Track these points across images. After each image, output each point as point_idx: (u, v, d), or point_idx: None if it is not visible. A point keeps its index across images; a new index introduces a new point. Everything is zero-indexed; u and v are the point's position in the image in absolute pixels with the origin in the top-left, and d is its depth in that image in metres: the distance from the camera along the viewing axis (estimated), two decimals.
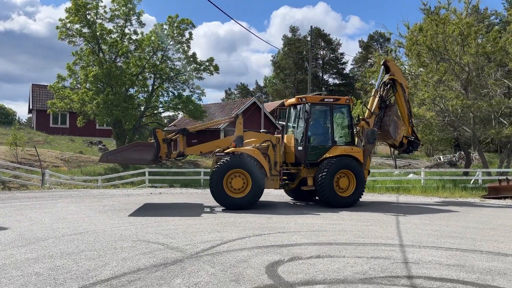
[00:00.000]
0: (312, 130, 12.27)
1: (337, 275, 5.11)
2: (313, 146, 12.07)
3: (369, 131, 12.39)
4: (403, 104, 13.65)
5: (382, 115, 13.26)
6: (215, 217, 9.58)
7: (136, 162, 11.46)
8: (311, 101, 12.24)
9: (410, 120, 13.94)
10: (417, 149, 14.65)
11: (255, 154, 11.10)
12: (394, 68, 13.85)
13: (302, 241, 7.03)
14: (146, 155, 11.04)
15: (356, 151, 12.08)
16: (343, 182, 11.78)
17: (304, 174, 12.01)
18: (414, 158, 39.20)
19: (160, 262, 5.54)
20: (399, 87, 13.57)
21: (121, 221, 8.80)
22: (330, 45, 77.94)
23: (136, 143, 11.71)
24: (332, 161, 11.64)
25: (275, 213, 10.39)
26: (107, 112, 23.20)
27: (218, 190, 10.74)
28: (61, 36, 24.05)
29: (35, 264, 5.38)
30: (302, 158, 11.95)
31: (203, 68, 27.14)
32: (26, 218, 9.14)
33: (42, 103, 38.81)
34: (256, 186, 10.90)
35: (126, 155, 11.14)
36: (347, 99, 12.60)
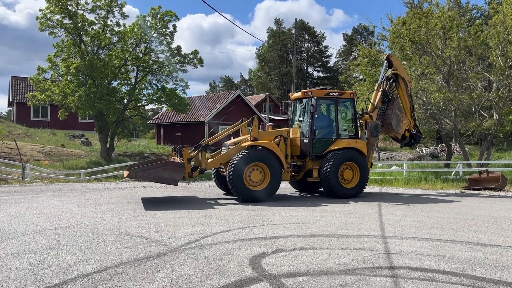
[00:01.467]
0: (317, 123, 12.52)
1: (320, 267, 5.15)
2: (318, 139, 12.37)
3: (373, 124, 12.71)
4: (406, 98, 13.96)
5: (384, 109, 13.58)
6: (199, 210, 9.54)
7: (165, 182, 10.89)
8: (317, 95, 12.51)
9: (413, 113, 14.26)
10: (419, 142, 14.98)
11: (273, 148, 11.45)
12: (397, 63, 14.11)
13: (286, 233, 7.06)
14: (175, 175, 10.77)
15: (361, 144, 12.43)
16: (348, 174, 12.16)
17: (309, 166, 12.33)
18: (397, 151, 39.68)
19: (143, 256, 5.50)
20: (401, 82, 13.86)
21: (104, 215, 8.70)
22: (315, 38, 78.12)
23: (168, 162, 11.20)
24: (337, 153, 11.98)
25: (260, 206, 10.41)
26: (89, 105, 22.82)
27: (238, 183, 10.82)
28: (41, 27, 23.50)
29: (14, 260, 5.28)
30: (307, 150, 12.24)
31: (187, 61, 26.87)
32: (6, 212, 8.96)
33: (22, 96, 38.00)
34: (275, 178, 11.19)
35: (156, 174, 10.65)
36: (351, 93, 12.90)
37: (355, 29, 77.66)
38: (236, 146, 11.58)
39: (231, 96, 39.87)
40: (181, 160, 11.32)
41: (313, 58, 79.69)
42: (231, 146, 11.90)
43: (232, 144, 11.96)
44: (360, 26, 76.10)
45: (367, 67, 22.22)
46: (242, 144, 11.55)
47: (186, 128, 39.14)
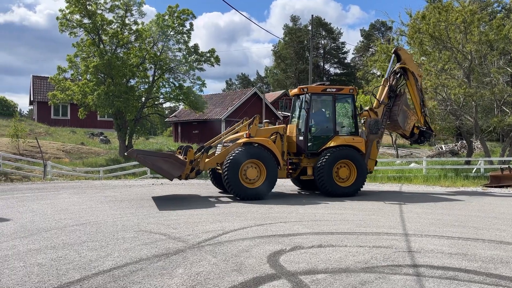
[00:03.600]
0: (313, 120, 12.27)
1: (339, 264, 5.11)
2: (314, 136, 12.10)
3: (372, 121, 12.29)
4: (415, 93, 13.51)
5: (391, 105, 13.15)
6: (216, 207, 9.59)
7: (162, 173, 10.87)
8: (312, 91, 12.24)
9: (423, 109, 13.79)
10: (429, 139, 14.49)
11: (269, 145, 11.25)
12: (406, 56, 13.65)
13: (303, 230, 7.03)
14: (174, 171, 10.76)
15: (358, 141, 12.03)
16: (343, 172, 11.81)
17: (305, 163, 12.06)
18: (416, 148, 39.12)
19: (162, 252, 5.55)
20: (410, 76, 13.42)
21: (123, 212, 8.81)
22: (331, 34, 77.50)
23: (171, 155, 11.19)
24: (331, 151, 11.65)
25: (277, 203, 10.40)
26: (108, 103, 23.12)
27: (233, 181, 10.66)
28: (61, 27, 23.88)
29: (37, 255, 5.39)
30: (303, 147, 11.98)
31: (204, 59, 26.96)
32: (29, 209, 9.16)
33: (43, 95, 38.71)
34: (271, 176, 10.99)
35: (155, 162, 10.70)
36: (350, 89, 12.54)
37: (373, 24, 76.79)
38: (233, 144, 11.35)
39: (247, 93, 39.87)
40: (184, 158, 11.21)
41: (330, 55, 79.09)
42: (226, 144, 11.68)
43: (227, 142, 11.74)
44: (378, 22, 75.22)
45: (385, 63, 21.94)
46: (238, 141, 11.35)
47: (203, 126, 39.35)
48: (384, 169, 20.44)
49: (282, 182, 15.01)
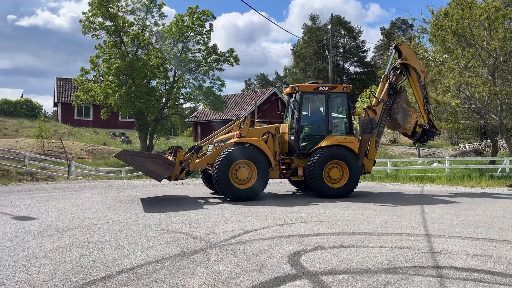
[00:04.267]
0: (305, 119, 12.00)
1: (360, 265, 5.07)
2: (306, 135, 11.82)
3: (365, 120, 11.82)
4: (418, 90, 13.05)
5: (391, 103, 12.67)
6: (237, 207, 9.63)
7: (150, 174, 10.64)
8: (304, 90, 11.97)
9: (426, 107, 13.22)
10: (432, 138, 13.88)
11: (260, 144, 11.00)
12: (407, 51, 13.16)
13: (324, 231, 7.00)
14: (162, 172, 10.57)
15: (351, 140, 11.65)
16: (335, 173, 11.44)
17: (296, 164, 11.79)
18: (438, 147, 38.43)
19: (184, 251, 5.61)
20: (412, 72, 12.95)
21: (145, 211, 8.94)
22: (351, 33, 76.78)
23: (160, 156, 11.04)
24: (322, 151, 11.34)
25: (296, 204, 10.38)
26: (130, 104, 23.46)
27: (224, 182, 10.44)
28: (84, 30, 24.37)
29: (63, 253, 5.52)
30: (294, 148, 11.72)
31: (223, 59, 27.08)
32: (54, 208, 9.38)
33: (66, 96, 39.56)
34: (262, 176, 10.76)
35: (143, 163, 10.53)
36: (344, 87, 12.15)
37: (393, 22, 75.73)
38: (224, 145, 11.14)
39: (267, 93, 39.87)
40: (174, 159, 11.04)
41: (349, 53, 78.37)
42: (217, 144, 11.39)
43: (218, 142, 11.45)
44: (399, 20, 74.13)
45: None
46: (229, 141, 11.16)
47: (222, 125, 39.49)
48: (406, 169, 20.16)
49: (278, 182, 15.00)
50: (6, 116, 32.98)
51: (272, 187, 14.18)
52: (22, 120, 32.27)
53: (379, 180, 17.64)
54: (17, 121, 31.73)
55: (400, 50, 13.14)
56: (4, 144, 22.12)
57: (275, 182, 14.68)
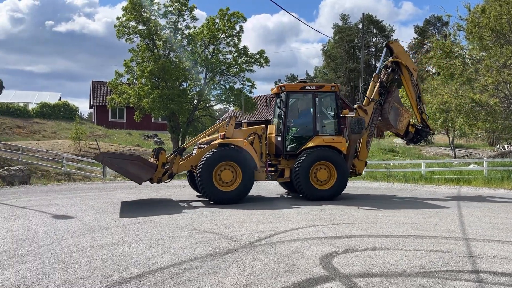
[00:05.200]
0: (292, 119, 11.71)
1: (394, 268, 4.98)
2: (293, 136, 11.53)
3: (353, 120, 11.48)
4: (411, 89, 12.68)
5: (382, 102, 12.32)
6: (267, 208, 9.64)
7: (129, 177, 10.24)
8: (290, 89, 11.71)
9: (419, 106, 12.79)
10: (426, 138, 13.39)
11: (245, 146, 10.69)
12: (399, 49, 12.80)
13: (356, 233, 6.91)
14: (142, 174, 10.18)
15: (338, 141, 11.28)
16: (322, 174, 11.08)
17: (283, 165, 11.45)
18: (476, 148, 37.20)
19: (216, 251, 5.67)
20: (405, 70, 12.59)
21: (177, 211, 9.09)
22: (383, 32, 75.47)
23: (140, 157, 10.63)
24: (308, 152, 11.01)
25: (328, 205, 10.29)
26: (162, 106, 23.91)
27: (207, 183, 10.11)
28: (118, 34, 25.03)
29: (99, 251, 5.68)
30: (281, 149, 11.43)
31: (253, 61, 27.19)
32: (90, 207, 9.68)
33: (101, 99, 40.73)
34: (246, 178, 10.45)
35: (122, 165, 10.12)
36: (332, 86, 11.77)
37: (427, 20, 73.93)
38: (208, 146, 10.86)
39: None
40: (155, 161, 10.72)
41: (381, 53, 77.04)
42: (202, 145, 11.09)
43: (203, 144, 11.15)
44: (433, 17, 72.34)
45: (441, 60, 21.04)
46: (213, 142, 10.87)
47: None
48: (441, 170, 19.61)
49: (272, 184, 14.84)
50: (45, 118, 34.26)
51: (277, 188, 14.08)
52: (60, 122, 33.44)
53: (413, 182, 17.24)
54: (55, 123, 32.92)
55: (392, 48, 12.77)
56: (44, 145, 22.99)
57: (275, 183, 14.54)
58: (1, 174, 15.91)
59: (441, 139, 38.94)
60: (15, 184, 15.55)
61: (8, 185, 15.45)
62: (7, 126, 29.62)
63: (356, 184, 16.63)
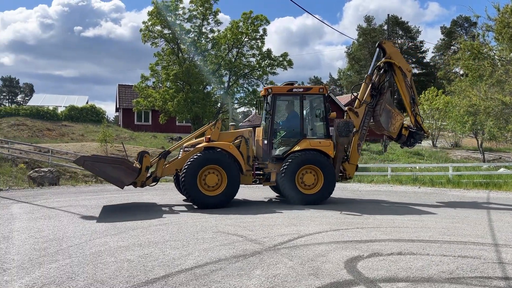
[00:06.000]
0: (279, 122, 11.51)
1: (421, 273, 4.89)
2: (279, 139, 11.34)
3: (341, 123, 11.21)
4: (404, 91, 12.31)
5: (374, 104, 12.02)
6: (291, 211, 9.62)
7: (112, 181, 9.97)
8: (277, 91, 11.46)
9: (413, 108, 12.40)
10: (420, 141, 12.93)
11: (231, 149, 10.47)
12: (391, 49, 12.44)
13: (381, 237, 6.82)
14: (125, 178, 9.87)
15: (325, 144, 11.00)
16: (309, 179, 10.83)
17: (270, 169, 11.20)
18: (506, 151, 36.14)
19: (240, 254, 5.69)
20: (398, 71, 12.25)
21: (201, 213, 9.17)
22: (409, 33, 74.36)
23: (123, 161, 10.21)
24: (294, 155, 10.77)
25: (352, 209, 10.19)
26: (187, 109, 24.24)
27: (191, 188, 9.88)
28: (144, 38, 25.51)
29: (126, 252, 5.79)
30: (267, 152, 11.23)
31: (277, 64, 27.25)
32: (117, 208, 9.88)
33: (127, 102, 41.50)
34: (232, 183, 10.21)
35: (104, 168, 9.81)
36: (320, 88, 11.52)
37: (454, 21, 72.43)
38: (193, 149, 10.59)
39: None
40: (139, 165, 10.44)
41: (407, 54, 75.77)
42: (187, 149, 10.85)
43: (188, 147, 10.90)
44: (460, 18, 70.85)
45: (469, 61, 20.58)
46: (198, 146, 10.64)
47: None
48: (469, 174, 19.13)
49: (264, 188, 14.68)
50: (73, 121, 35.17)
51: None
52: (87, 125, 34.25)
53: (439, 186, 16.89)
54: (83, 126, 33.73)
55: (384, 49, 12.43)
56: (72, 147, 23.58)
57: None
58: (32, 175, 16.41)
59: (469, 142, 38.01)
60: (44, 185, 16.02)
61: (38, 186, 15.94)
62: (38, 128, 30.55)
63: (381, 187, 16.42)
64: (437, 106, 34.34)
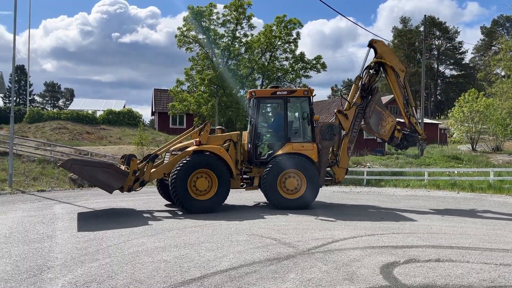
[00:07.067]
0: (263, 126, 11.24)
1: (460, 281, 4.76)
2: (263, 143, 11.11)
3: (324, 126, 10.89)
4: (397, 91, 11.85)
5: (365, 106, 11.61)
6: (324, 215, 9.56)
7: (100, 185, 9.62)
8: (260, 95, 11.25)
9: (407, 109, 11.90)
10: (414, 144, 12.42)
11: (221, 153, 10.25)
12: (383, 49, 11.97)
13: (418, 243, 6.67)
14: (113, 183, 9.57)
15: (308, 148, 10.69)
16: (291, 183, 10.54)
17: (254, 173, 10.95)
18: None
19: (274, 257, 5.72)
20: (390, 71, 11.79)
21: (235, 216, 9.26)
22: (446, 34, 72.32)
23: (111, 165, 10.11)
24: (276, 159, 10.51)
25: (388, 214, 10.02)
26: (221, 113, 24.52)
27: (181, 192, 9.62)
28: (179, 44, 26.04)
29: (163, 252, 5.93)
30: (251, 156, 10.99)
31: (310, 67, 27.15)
32: (153, 210, 10.12)
33: (163, 106, 42.36)
34: (222, 187, 10.02)
35: (92, 173, 9.48)
36: (305, 91, 11.21)
37: (495, 20, 69.91)
38: (182, 153, 10.31)
39: None
40: (126, 168, 10.12)
41: (445, 56, 73.80)
42: (175, 152, 10.59)
43: (176, 150, 10.64)
44: (501, 17, 68.36)
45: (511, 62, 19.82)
46: (187, 149, 10.36)
47: None
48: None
49: None
50: (111, 124, 36.22)
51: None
52: (124, 129, 35.20)
53: (479, 191, 16.31)
54: (120, 129, 34.69)
55: (375, 48, 11.98)
56: (110, 150, 24.31)
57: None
58: (72, 177, 17.03)
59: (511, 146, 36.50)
60: (84, 187, 16.60)
61: (78, 187, 16.54)
62: (78, 132, 31.67)
63: (417, 192, 16.05)
64: (477, 109, 33.26)
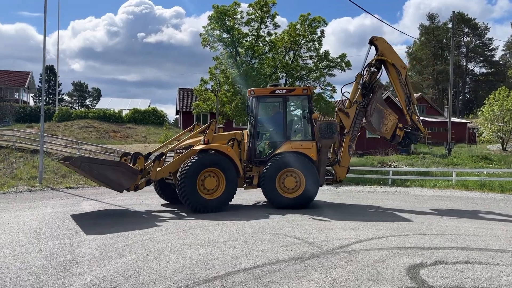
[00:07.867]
0: (262, 125, 11.07)
1: (490, 284, 4.64)
2: (263, 142, 11.00)
3: (323, 125, 10.69)
4: (399, 89, 11.61)
5: (366, 104, 11.37)
6: (348, 215, 9.48)
7: (110, 184, 9.41)
8: (259, 94, 11.10)
9: (408, 107, 11.64)
10: (416, 142, 12.14)
11: (229, 152, 10.17)
12: (384, 46, 11.68)
13: (446, 244, 6.53)
14: (124, 181, 9.37)
15: (307, 146, 10.55)
16: (290, 182, 10.38)
17: (254, 172, 10.84)
18: None
19: (297, 256, 5.70)
20: (391, 69, 11.55)
21: (259, 214, 9.28)
22: (476, 30, 70.46)
23: (122, 163, 9.87)
24: (275, 158, 10.37)
25: (414, 214, 9.84)
26: (244, 112, 24.57)
27: (190, 192, 9.49)
28: (203, 43, 26.21)
29: (187, 250, 6.00)
30: (251, 155, 10.86)
31: (334, 65, 26.90)
32: (177, 208, 10.24)
33: (187, 105, 42.76)
34: (230, 185, 9.96)
35: (102, 172, 9.17)
36: (304, 89, 11.08)
37: None
38: (187, 152, 10.16)
39: None
40: (136, 166, 9.93)
41: (474, 53, 71.91)
42: (180, 151, 10.45)
43: (181, 149, 10.50)
44: None
45: None
46: (194, 148, 10.23)
47: None
48: None
49: None
50: (136, 123, 36.86)
51: None
52: (150, 127, 35.75)
53: (510, 192, 15.83)
54: (145, 128, 35.26)
55: (376, 46, 11.70)
56: (135, 149, 24.73)
57: None
58: None
59: None
60: None
61: None
62: (104, 130, 32.35)
63: (445, 193, 15.71)
64: (508, 107, 32.28)
